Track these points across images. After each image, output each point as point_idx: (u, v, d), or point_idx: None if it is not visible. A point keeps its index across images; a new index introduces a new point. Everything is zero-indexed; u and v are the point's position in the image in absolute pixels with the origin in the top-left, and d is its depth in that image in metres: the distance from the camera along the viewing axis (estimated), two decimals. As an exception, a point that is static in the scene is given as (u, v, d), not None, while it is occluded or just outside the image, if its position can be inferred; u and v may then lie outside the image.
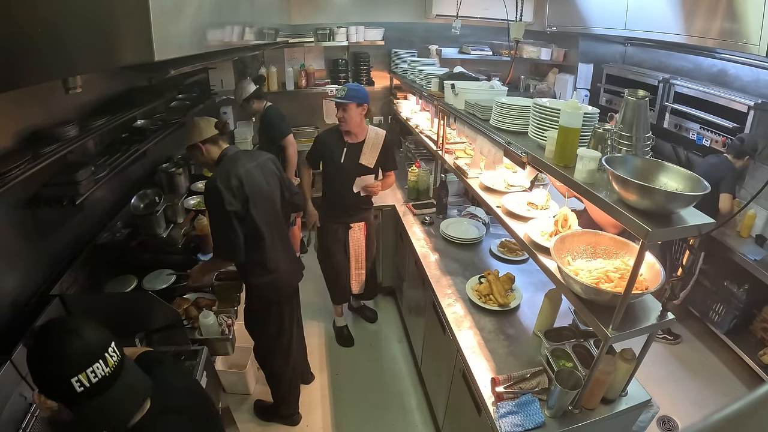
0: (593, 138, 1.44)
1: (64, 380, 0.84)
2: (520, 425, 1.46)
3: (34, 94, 1.63)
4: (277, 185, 2.06)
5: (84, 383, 0.86)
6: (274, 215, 2.01)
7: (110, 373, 0.89)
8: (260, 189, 1.92)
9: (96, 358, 0.88)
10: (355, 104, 2.47)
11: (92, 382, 0.86)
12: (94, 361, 0.87)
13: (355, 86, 2.52)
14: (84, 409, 0.88)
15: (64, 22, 0.87)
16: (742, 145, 2.66)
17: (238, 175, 1.83)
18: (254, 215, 1.87)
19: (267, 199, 1.96)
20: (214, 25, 1.57)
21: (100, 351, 0.89)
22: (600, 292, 1.27)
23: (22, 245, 1.67)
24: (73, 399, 0.86)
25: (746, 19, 2.28)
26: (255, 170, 1.93)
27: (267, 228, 1.95)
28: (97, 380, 0.87)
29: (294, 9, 3.99)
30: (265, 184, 1.95)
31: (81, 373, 0.85)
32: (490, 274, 2.17)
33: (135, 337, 1.70)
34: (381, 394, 2.67)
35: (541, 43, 4.27)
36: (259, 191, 1.91)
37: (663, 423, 2.45)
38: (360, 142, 2.61)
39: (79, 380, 0.85)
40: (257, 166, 1.95)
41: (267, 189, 1.96)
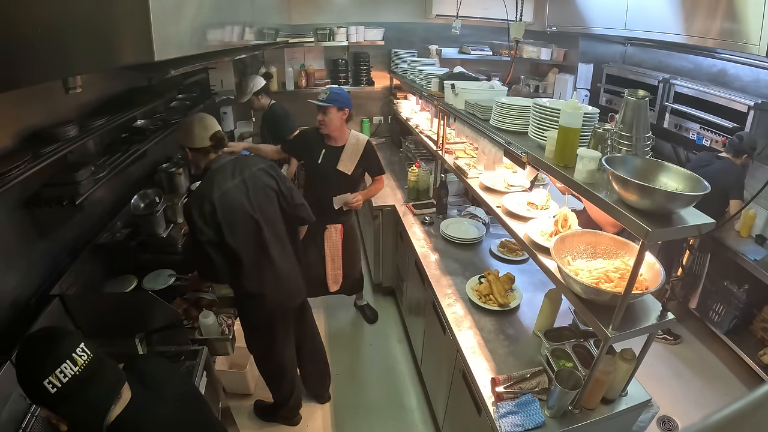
0: (593, 138, 1.44)
1: (37, 384, 0.90)
2: (520, 425, 1.46)
3: (34, 94, 1.62)
4: (272, 198, 1.89)
5: (56, 383, 0.91)
6: (260, 235, 1.82)
7: (80, 372, 0.94)
8: (238, 212, 1.75)
9: (63, 358, 0.93)
10: (335, 108, 2.45)
11: (63, 383, 0.92)
12: (61, 361, 0.92)
13: (338, 89, 2.51)
14: (67, 410, 0.93)
15: (63, 22, 0.87)
16: (741, 143, 2.66)
17: (211, 200, 1.67)
18: (229, 241, 1.72)
19: (248, 220, 1.78)
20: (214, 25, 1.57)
21: (67, 352, 0.94)
22: (600, 292, 1.27)
23: (22, 245, 1.67)
24: (52, 401, 0.92)
25: (746, 19, 2.28)
26: (235, 189, 1.76)
27: (248, 250, 1.79)
28: (68, 380, 0.92)
29: (294, 9, 3.99)
30: (247, 204, 1.77)
31: (50, 374, 0.91)
32: (490, 274, 2.17)
33: (135, 337, 1.70)
34: (381, 394, 2.67)
35: (541, 43, 4.27)
36: (237, 215, 1.74)
37: (663, 423, 2.45)
38: (340, 146, 2.59)
39: (50, 381, 0.90)
40: (241, 182, 1.78)
41: (248, 209, 1.77)
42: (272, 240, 1.88)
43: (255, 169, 1.87)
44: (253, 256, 1.83)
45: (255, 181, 1.83)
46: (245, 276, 1.84)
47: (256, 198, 1.81)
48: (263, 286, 1.89)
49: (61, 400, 0.92)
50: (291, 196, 1.97)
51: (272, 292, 1.92)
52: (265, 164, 1.93)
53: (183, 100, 2.94)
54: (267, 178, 1.89)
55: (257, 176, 1.86)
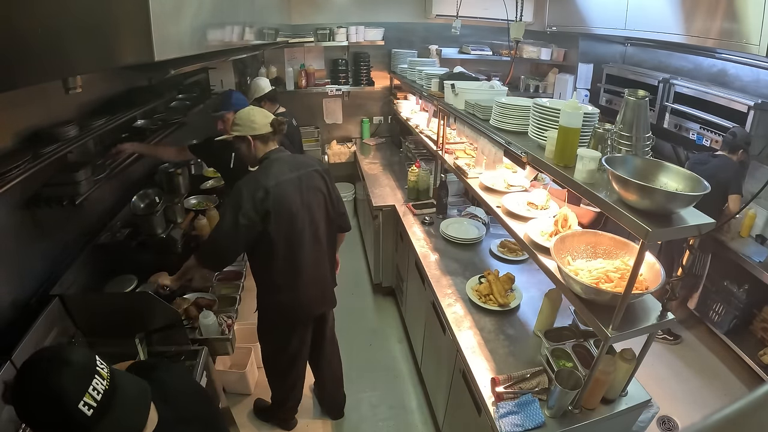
0: (593, 138, 1.44)
1: (72, 410, 0.78)
2: (520, 425, 1.46)
3: (34, 94, 1.63)
4: (320, 201, 1.90)
5: (91, 404, 0.80)
6: (302, 234, 1.84)
7: (109, 385, 0.84)
8: (288, 205, 1.77)
9: (91, 374, 0.83)
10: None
11: (98, 401, 0.81)
12: (90, 378, 0.82)
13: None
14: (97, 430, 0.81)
15: (63, 22, 0.87)
16: (735, 139, 2.65)
17: (267, 187, 1.70)
18: (271, 232, 1.74)
19: (295, 216, 1.80)
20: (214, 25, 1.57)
21: (92, 366, 0.84)
22: (600, 292, 1.27)
23: (23, 245, 1.67)
24: (87, 426, 0.80)
25: (746, 19, 2.28)
26: (290, 183, 1.78)
27: (286, 247, 1.81)
28: (101, 396, 0.82)
29: (294, 9, 3.99)
30: (298, 200, 1.80)
31: (85, 395, 0.80)
32: (490, 274, 2.17)
33: (135, 337, 1.70)
34: (381, 393, 2.67)
35: (541, 43, 4.27)
36: (287, 208, 1.76)
37: (663, 423, 2.45)
38: None
39: (85, 403, 0.80)
40: (297, 178, 1.80)
41: (298, 205, 1.80)
42: (312, 241, 1.89)
43: (311, 169, 1.88)
44: (289, 252, 1.84)
45: (309, 180, 1.85)
46: (276, 270, 1.85)
47: (307, 196, 1.84)
48: (291, 284, 1.90)
49: (96, 423, 0.80)
50: (338, 203, 2.01)
51: (298, 292, 1.92)
52: (320, 167, 1.93)
53: (183, 100, 2.94)
54: (320, 180, 1.90)
55: (312, 176, 1.87)
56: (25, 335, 1.42)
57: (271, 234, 1.75)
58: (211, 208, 2.65)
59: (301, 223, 1.83)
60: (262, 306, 1.99)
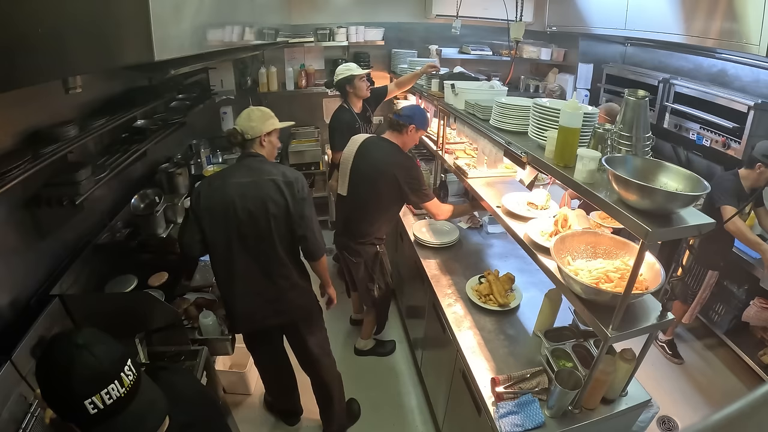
0: (593, 138, 1.45)
1: (76, 402, 0.76)
2: (520, 425, 1.46)
3: (34, 94, 1.62)
4: (271, 214, 1.75)
5: (98, 405, 0.77)
6: (232, 241, 1.76)
7: (126, 394, 0.80)
8: (219, 207, 1.72)
9: (111, 378, 0.79)
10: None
11: (107, 404, 0.78)
12: (108, 382, 0.79)
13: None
14: (98, 429, 0.79)
15: (64, 22, 0.87)
16: (751, 153, 2.45)
17: (209, 183, 1.76)
18: (205, 230, 1.74)
19: (228, 220, 1.73)
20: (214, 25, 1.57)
21: (116, 371, 0.80)
22: (600, 292, 1.27)
23: (22, 245, 1.67)
24: (86, 421, 0.78)
25: (746, 19, 2.28)
26: (235, 187, 1.73)
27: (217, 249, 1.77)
28: (112, 402, 0.78)
29: (294, 9, 3.99)
30: (235, 204, 1.72)
31: (95, 395, 0.77)
32: (490, 274, 2.17)
33: (135, 337, 1.70)
34: (381, 393, 2.67)
35: (541, 43, 4.27)
36: (217, 209, 1.72)
37: (663, 423, 2.45)
38: None
39: (92, 402, 0.77)
40: (250, 183, 1.74)
41: (232, 210, 1.72)
42: (244, 251, 1.78)
43: (269, 177, 1.76)
44: (221, 257, 1.80)
45: (259, 189, 1.74)
46: (215, 271, 1.90)
47: (250, 204, 1.73)
48: (226, 291, 1.87)
49: (96, 423, 0.78)
50: (299, 221, 1.80)
51: (233, 301, 1.86)
52: (282, 177, 1.77)
53: (183, 100, 2.94)
54: (275, 191, 1.75)
55: (265, 185, 1.75)
56: (25, 335, 1.42)
57: (206, 233, 1.76)
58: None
59: (232, 230, 1.75)
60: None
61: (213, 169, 3.55)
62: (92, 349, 0.80)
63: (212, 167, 3.58)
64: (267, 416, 2.50)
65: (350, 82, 2.95)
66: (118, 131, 2.25)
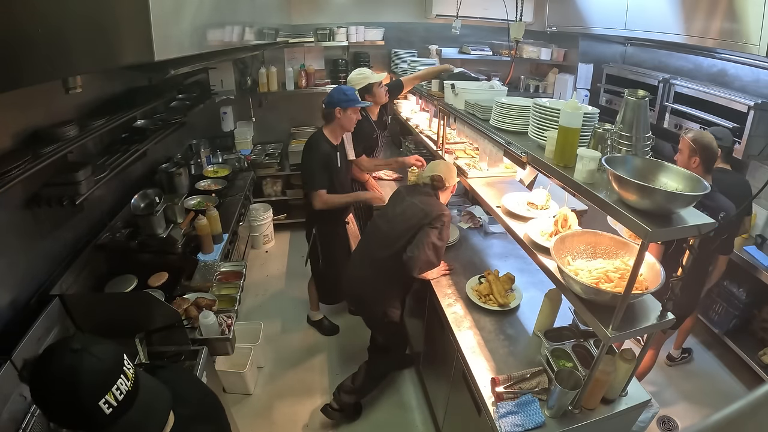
0: (593, 138, 1.44)
1: (90, 407, 0.76)
2: (520, 425, 1.46)
3: (34, 94, 1.63)
4: (399, 219, 2.16)
5: (112, 403, 0.78)
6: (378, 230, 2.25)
7: (132, 386, 0.82)
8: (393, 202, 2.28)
9: (117, 374, 0.80)
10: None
11: (119, 400, 0.79)
12: (116, 377, 0.80)
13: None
14: (113, 430, 0.80)
15: (64, 22, 0.87)
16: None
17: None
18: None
19: (386, 215, 2.25)
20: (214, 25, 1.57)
21: (119, 366, 0.82)
22: (600, 292, 1.27)
23: (22, 245, 1.67)
24: (101, 422, 0.78)
25: (746, 19, 2.28)
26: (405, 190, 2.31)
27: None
28: (123, 396, 0.80)
29: (294, 9, 3.99)
30: (398, 205, 2.24)
31: (107, 394, 0.77)
32: (490, 274, 2.17)
33: (135, 337, 1.70)
34: (380, 393, 2.67)
35: (541, 43, 4.27)
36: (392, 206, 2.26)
37: (663, 423, 2.45)
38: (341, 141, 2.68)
39: (106, 401, 0.77)
40: (407, 197, 2.23)
41: (392, 207, 2.24)
42: (372, 240, 2.23)
43: (418, 198, 2.15)
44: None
45: (412, 206, 2.12)
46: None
47: (401, 209, 2.14)
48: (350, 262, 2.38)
49: (111, 421, 0.78)
50: (415, 243, 2.03)
51: (347, 273, 2.33)
52: (431, 213, 2.04)
53: (183, 100, 2.94)
54: (417, 210, 2.08)
55: (415, 200, 2.14)
56: (25, 335, 1.42)
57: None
58: (210, 208, 2.65)
59: (382, 221, 2.28)
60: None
61: (213, 169, 3.56)
62: (92, 351, 0.80)
63: (212, 167, 3.58)
64: (267, 416, 2.50)
65: (369, 91, 2.84)
66: (118, 131, 2.26)
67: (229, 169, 3.53)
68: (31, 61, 0.85)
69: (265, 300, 3.48)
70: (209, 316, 1.90)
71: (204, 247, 2.46)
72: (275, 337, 3.08)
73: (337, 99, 2.45)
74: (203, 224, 2.43)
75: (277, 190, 4.30)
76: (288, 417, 2.51)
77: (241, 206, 3.15)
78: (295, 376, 2.78)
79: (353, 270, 2.30)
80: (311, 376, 2.79)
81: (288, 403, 2.59)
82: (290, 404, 2.58)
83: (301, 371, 2.82)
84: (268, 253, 4.13)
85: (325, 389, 2.69)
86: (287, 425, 2.47)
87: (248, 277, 2.71)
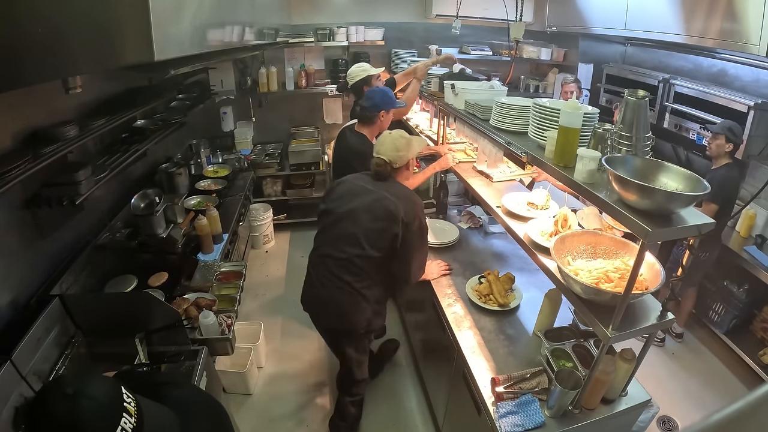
0: (593, 138, 1.44)
1: None
2: (520, 425, 1.46)
3: (34, 94, 1.63)
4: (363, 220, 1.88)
5: None
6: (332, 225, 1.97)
7: (137, 422, 0.77)
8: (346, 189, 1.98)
9: (119, 412, 0.75)
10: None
11: None
12: (118, 416, 0.75)
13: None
14: None
15: (64, 22, 0.87)
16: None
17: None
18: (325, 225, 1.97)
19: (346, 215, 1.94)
20: (214, 25, 1.57)
21: (118, 403, 0.76)
22: (600, 292, 1.27)
23: (22, 245, 1.67)
24: None
25: (746, 19, 2.28)
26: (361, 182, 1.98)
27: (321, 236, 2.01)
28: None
29: (294, 9, 4.00)
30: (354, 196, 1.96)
31: None
32: (490, 274, 2.17)
33: (135, 337, 1.70)
34: (381, 393, 2.67)
35: (541, 43, 4.27)
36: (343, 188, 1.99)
37: (663, 423, 2.45)
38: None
39: None
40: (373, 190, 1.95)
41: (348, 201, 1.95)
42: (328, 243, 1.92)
43: (380, 194, 1.85)
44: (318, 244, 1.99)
45: (378, 202, 1.83)
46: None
47: (361, 204, 1.85)
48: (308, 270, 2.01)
49: None
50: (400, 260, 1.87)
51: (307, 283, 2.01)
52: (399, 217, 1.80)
53: (183, 100, 2.94)
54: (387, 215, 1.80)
55: (377, 197, 1.85)
56: (25, 335, 1.42)
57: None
58: (210, 208, 2.65)
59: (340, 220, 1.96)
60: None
61: (213, 169, 3.56)
62: (86, 393, 0.75)
63: (212, 167, 3.58)
64: (267, 416, 2.50)
65: (367, 83, 2.88)
66: (118, 131, 2.25)
67: (229, 169, 3.53)
68: (31, 61, 0.85)
69: (265, 300, 3.48)
70: (209, 316, 1.90)
71: (204, 247, 2.47)
72: (275, 337, 3.08)
73: (382, 101, 2.44)
74: (203, 224, 2.43)
75: (277, 190, 4.30)
76: (288, 417, 2.51)
77: (241, 206, 3.15)
78: (295, 376, 2.78)
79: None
80: (311, 376, 2.79)
81: (288, 403, 2.59)
82: (290, 404, 2.59)
83: (301, 371, 2.82)
84: (268, 253, 4.13)
85: (326, 389, 2.69)
86: (287, 425, 2.47)
87: (248, 277, 2.71)
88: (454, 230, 2.70)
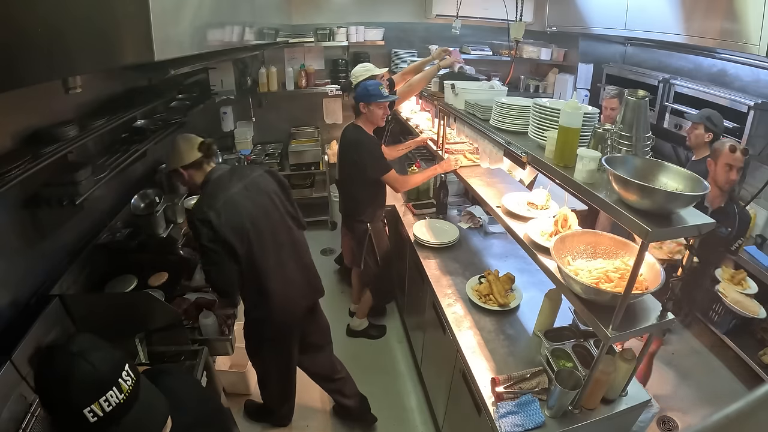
0: (593, 138, 1.45)
1: (74, 411, 0.77)
2: (520, 425, 1.46)
3: (34, 94, 1.62)
4: (277, 203, 1.88)
5: (97, 413, 0.78)
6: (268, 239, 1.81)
7: (125, 400, 0.81)
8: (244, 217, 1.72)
9: (109, 385, 0.79)
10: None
11: (106, 411, 0.78)
12: (107, 388, 0.79)
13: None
14: None
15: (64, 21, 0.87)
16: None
17: (217, 209, 1.64)
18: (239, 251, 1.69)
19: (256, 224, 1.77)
20: (214, 25, 1.57)
21: (113, 377, 0.81)
22: (600, 292, 1.27)
23: (22, 245, 1.67)
24: (86, 429, 0.78)
25: (746, 19, 2.28)
26: (239, 195, 1.74)
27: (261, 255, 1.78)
28: (112, 408, 0.79)
29: (294, 9, 3.99)
30: (251, 208, 1.76)
31: (93, 403, 0.77)
32: (490, 274, 2.17)
33: (135, 337, 1.70)
34: (381, 394, 2.67)
35: (541, 43, 4.27)
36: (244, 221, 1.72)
37: (663, 423, 2.45)
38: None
39: (91, 410, 0.77)
40: (243, 189, 1.77)
41: (254, 213, 1.77)
42: (278, 244, 1.86)
43: (256, 174, 1.88)
44: (266, 260, 1.80)
45: (258, 186, 1.84)
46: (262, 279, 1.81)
47: (261, 202, 1.82)
48: (278, 288, 1.86)
49: (97, 430, 0.79)
50: (294, 202, 2.01)
51: (286, 293, 1.89)
52: (264, 171, 1.93)
53: (183, 100, 2.94)
54: (270, 181, 1.91)
55: (258, 181, 1.86)
56: (24, 335, 1.42)
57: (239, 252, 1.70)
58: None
59: (265, 229, 1.80)
60: (257, 321, 1.98)
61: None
62: (88, 357, 0.80)
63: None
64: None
65: None
66: (118, 131, 2.25)
67: (229, 169, 3.52)
68: (31, 61, 0.85)
69: (265, 300, 3.47)
70: (209, 316, 1.90)
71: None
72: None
73: (360, 94, 2.50)
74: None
75: (277, 190, 4.29)
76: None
77: (241, 206, 3.14)
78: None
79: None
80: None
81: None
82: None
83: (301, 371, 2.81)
84: (268, 253, 4.13)
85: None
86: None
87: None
88: (454, 230, 2.70)
